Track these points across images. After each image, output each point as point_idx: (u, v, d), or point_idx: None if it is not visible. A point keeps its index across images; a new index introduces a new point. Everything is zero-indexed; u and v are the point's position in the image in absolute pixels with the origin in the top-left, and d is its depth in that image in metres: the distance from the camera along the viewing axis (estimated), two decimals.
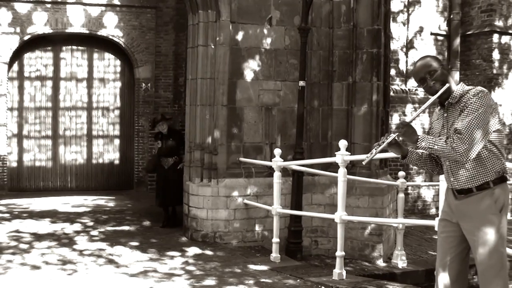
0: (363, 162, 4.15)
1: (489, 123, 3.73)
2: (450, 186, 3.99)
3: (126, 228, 9.64)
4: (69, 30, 13.06)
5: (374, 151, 3.93)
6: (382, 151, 4.02)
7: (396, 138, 3.92)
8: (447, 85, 3.87)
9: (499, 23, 13.75)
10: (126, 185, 13.94)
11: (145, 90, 13.63)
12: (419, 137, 3.81)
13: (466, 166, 3.82)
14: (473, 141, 3.67)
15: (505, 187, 3.84)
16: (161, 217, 10.00)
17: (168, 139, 9.96)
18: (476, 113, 3.70)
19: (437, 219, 5.38)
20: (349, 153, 7.07)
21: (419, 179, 13.52)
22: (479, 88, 3.83)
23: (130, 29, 13.45)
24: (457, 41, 13.96)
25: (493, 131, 3.78)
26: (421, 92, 13.47)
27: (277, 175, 8.07)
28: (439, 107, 4.05)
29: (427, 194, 13.67)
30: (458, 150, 3.69)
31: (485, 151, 3.79)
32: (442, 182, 5.35)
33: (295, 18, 9.25)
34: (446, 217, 4.03)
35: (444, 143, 3.73)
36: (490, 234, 3.75)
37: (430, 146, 3.77)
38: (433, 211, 13.43)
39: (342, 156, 6.85)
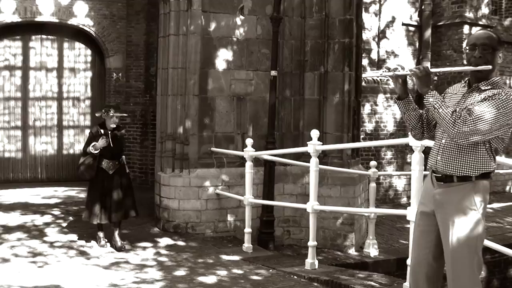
0: (365, 74, 4.10)
1: (500, 127, 3.57)
2: (433, 165, 3.83)
3: None
4: (39, 19, 12.80)
5: (381, 71, 3.82)
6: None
7: (409, 77, 3.81)
8: (489, 66, 3.65)
9: (469, 14, 13.89)
10: None
11: (116, 80, 13.46)
12: (431, 91, 3.66)
13: (459, 153, 3.68)
14: (475, 129, 3.51)
15: (486, 185, 3.72)
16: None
17: (114, 137, 7.81)
18: (496, 109, 3.53)
19: (409, 208, 5.43)
20: (321, 143, 7.11)
21: (390, 169, 13.62)
22: None
23: (101, 18, 13.25)
24: (428, 31, 14.07)
25: (498, 137, 3.64)
26: (392, 82, 13.54)
27: (249, 165, 8.07)
28: (464, 83, 3.88)
29: (399, 183, 13.79)
30: (457, 127, 3.52)
31: (483, 148, 3.66)
32: (414, 172, 5.39)
33: (267, 7, 9.21)
34: (423, 209, 3.91)
35: (450, 113, 3.55)
36: (463, 227, 3.63)
37: (435, 106, 3.61)
38: (404, 200, 13.56)
39: (314, 146, 6.88)
